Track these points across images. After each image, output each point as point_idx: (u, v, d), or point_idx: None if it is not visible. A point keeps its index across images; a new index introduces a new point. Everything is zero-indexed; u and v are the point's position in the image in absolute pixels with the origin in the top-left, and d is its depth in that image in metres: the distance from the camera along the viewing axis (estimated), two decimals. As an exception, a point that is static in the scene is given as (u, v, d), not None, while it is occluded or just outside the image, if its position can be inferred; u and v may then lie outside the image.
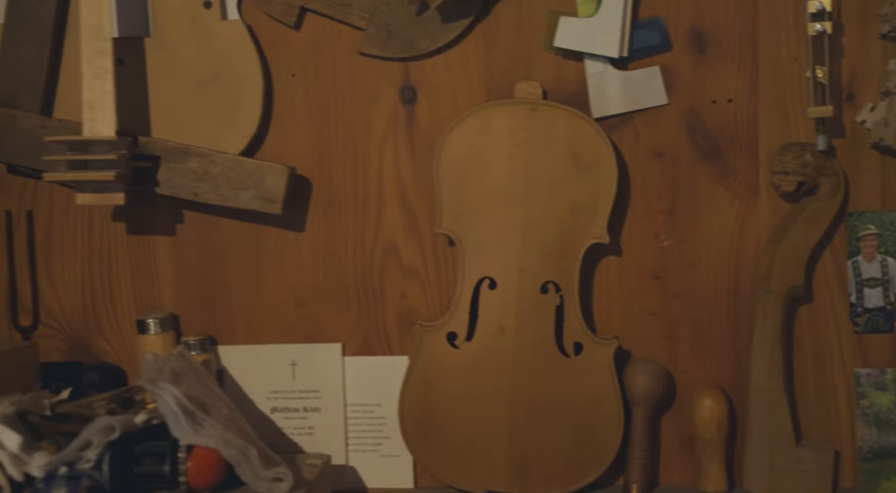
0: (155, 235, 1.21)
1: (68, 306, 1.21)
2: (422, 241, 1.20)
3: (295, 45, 1.18)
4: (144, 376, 0.97)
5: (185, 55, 1.15)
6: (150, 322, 1.17)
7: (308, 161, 1.19)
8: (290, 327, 1.22)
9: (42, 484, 0.86)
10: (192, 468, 0.92)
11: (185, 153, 1.13)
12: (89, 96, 1.08)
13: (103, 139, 1.07)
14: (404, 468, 1.21)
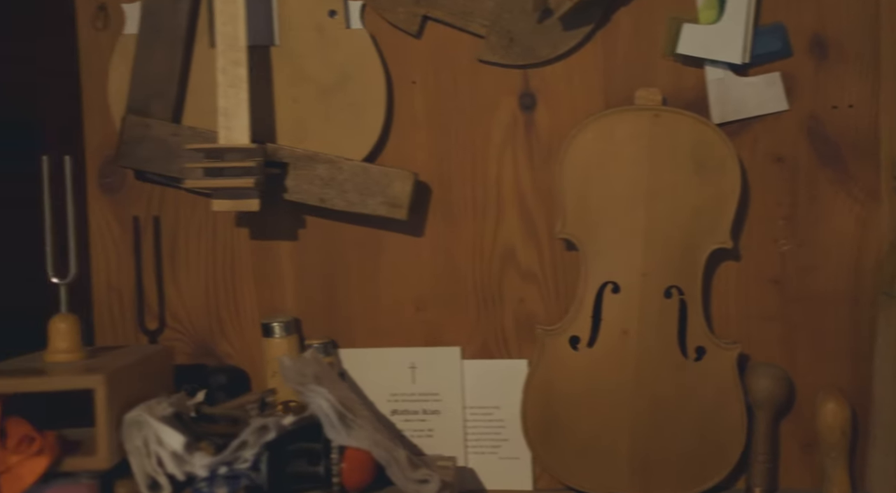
0: (278, 240, 1.23)
1: (193, 310, 1.24)
2: (540, 246, 1.21)
3: (415, 52, 1.20)
4: (288, 380, 0.99)
5: (310, 64, 1.17)
6: (276, 326, 1.19)
7: (427, 167, 1.21)
8: (409, 331, 1.23)
9: (204, 483, 0.89)
10: (346, 468, 0.94)
11: (313, 160, 1.15)
12: (224, 105, 1.10)
13: (239, 147, 1.09)
14: (523, 470, 1.22)
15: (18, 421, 0.90)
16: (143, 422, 0.91)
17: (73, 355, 0.98)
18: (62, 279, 1.04)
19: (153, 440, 0.89)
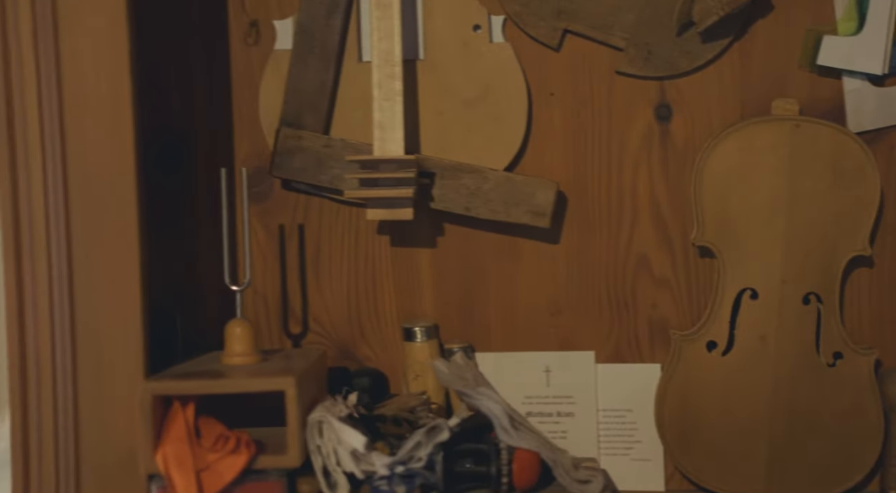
0: (417, 248, 1.27)
1: (335, 314, 1.28)
2: (673, 253, 1.24)
3: (554, 65, 1.23)
4: (450, 383, 1.02)
5: (455, 77, 1.21)
6: (417, 330, 1.23)
7: (564, 176, 1.24)
8: (544, 336, 1.26)
9: (384, 482, 0.92)
10: (516, 469, 0.97)
11: (460, 170, 1.19)
12: (380, 118, 1.14)
13: (395, 158, 1.13)
14: (655, 472, 1.25)
15: (210, 421, 0.94)
16: (324, 422, 0.94)
17: (249, 359, 1.03)
18: (238, 286, 1.08)
19: (334, 439, 0.93)
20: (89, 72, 0.91)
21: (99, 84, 0.91)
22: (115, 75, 0.91)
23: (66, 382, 0.93)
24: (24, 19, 0.90)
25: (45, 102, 0.90)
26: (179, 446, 0.89)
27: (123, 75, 0.91)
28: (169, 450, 0.89)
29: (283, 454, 0.92)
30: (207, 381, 0.93)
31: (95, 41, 0.90)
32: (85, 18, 0.90)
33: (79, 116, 0.91)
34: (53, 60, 0.89)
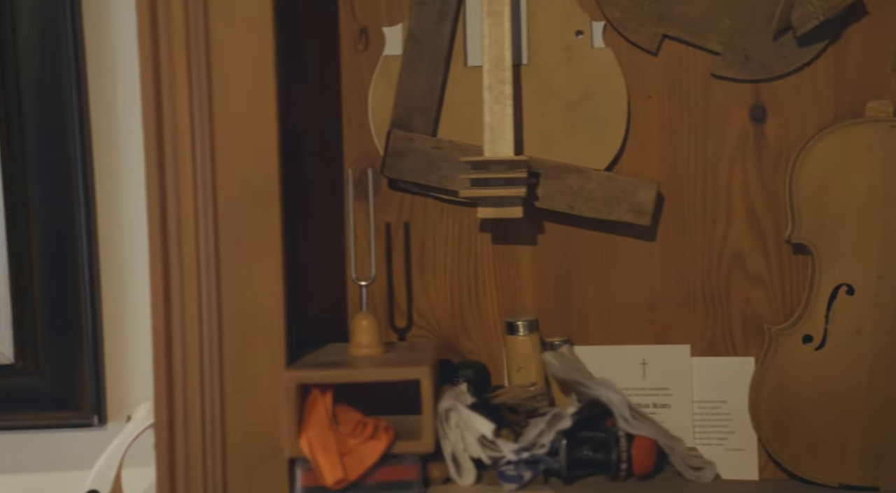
0: (518, 245, 1.31)
1: (438, 309, 1.33)
2: (767, 250, 1.28)
3: (652, 68, 1.27)
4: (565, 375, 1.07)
5: (557, 80, 1.25)
6: (520, 324, 1.28)
7: (660, 176, 1.28)
8: (640, 330, 1.31)
9: (511, 467, 0.97)
10: (636, 455, 1.02)
11: (564, 170, 1.24)
12: (490, 120, 1.19)
13: (506, 159, 1.18)
14: (749, 461, 1.29)
15: (346, 408, 1.00)
16: (453, 410, 0.99)
17: (375, 350, 1.08)
18: (363, 281, 1.14)
19: (463, 426, 0.98)
20: (237, 85, 0.96)
21: (247, 97, 0.96)
22: (261, 90, 0.96)
23: (213, 372, 0.98)
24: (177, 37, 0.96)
25: (195, 111, 0.96)
26: (322, 431, 0.94)
27: (269, 91, 0.96)
28: (313, 435, 0.94)
29: (417, 439, 0.97)
30: (348, 370, 0.98)
31: (244, 57, 0.96)
32: (235, 37, 0.95)
33: (227, 126, 0.96)
34: (205, 74, 0.95)
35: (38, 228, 1.29)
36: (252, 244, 0.98)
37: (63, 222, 1.30)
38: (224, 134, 0.96)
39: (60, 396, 1.32)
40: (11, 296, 1.28)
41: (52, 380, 1.31)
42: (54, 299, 1.31)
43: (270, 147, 0.97)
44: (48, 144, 1.28)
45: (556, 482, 1.01)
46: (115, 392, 1.36)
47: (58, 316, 1.31)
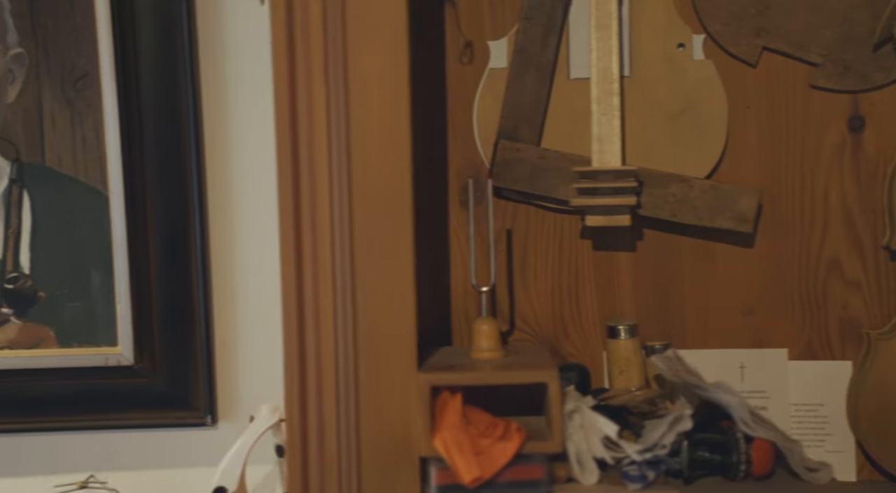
0: (617, 251, 1.34)
1: (540, 313, 1.36)
2: (864, 256, 1.30)
3: (750, 80, 1.30)
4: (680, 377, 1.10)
5: (659, 91, 1.28)
6: (621, 328, 1.31)
7: (758, 184, 1.31)
8: (737, 334, 1.33)
9: (634, 467, 1.00)
10: (756, 457, 1.05)
11: (667, 179, 1.27)
12: (598, 131, 1.22)
13: (613, 169, 1.21)
14: (847, 463, 1.31)
15: (475, 410, 1.03)
16: (578, 411, 1.03)
17: (496, 353, 1.11)
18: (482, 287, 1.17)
19: (588, 427, 1.01)
20: (373, 95, 1.00)
21: (382, 107, 1.00)
22: (395, 100, 1.00)
23: (349, 374, 1.02)
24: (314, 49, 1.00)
25: (333, 120, 1.00)
26: (456, 431, 0.98)
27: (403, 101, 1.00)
28: (447, 435, 0.98)
29: (546, 440, 1.00)
30: (480, 373, 1.02)
31: (380, 68, 1.00)
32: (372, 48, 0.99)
33: (362, 135, 1.00)
34: (342, 84, 0.99)
35: (156, 238, 1.34)
36: (385, 250, 1.02)
37: (178, 232, 1.34)
38: (360, 143, 1.00)
39: (176, 396, 1.37)
40: (132, 302, 1.33)
41: (168, 381, 1.36)
42: (170, 306, 1.36)
43: (404, 156, 1.01)
44: (166, 157, 1.33)
45: (675, 482, 1.04)
46: (224, 393, 1.41)
47: (173, 321, 1.36)
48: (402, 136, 1.01)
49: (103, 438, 1.39)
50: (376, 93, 1.00)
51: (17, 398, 1.35)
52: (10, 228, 1.32)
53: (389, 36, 1.00)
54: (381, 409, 1.02)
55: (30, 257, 1.33)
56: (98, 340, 1.35)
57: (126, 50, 1.30)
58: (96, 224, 1.33)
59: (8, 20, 1.29)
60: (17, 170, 1.32)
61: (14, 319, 1.34)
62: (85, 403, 1.36)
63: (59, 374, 1.35)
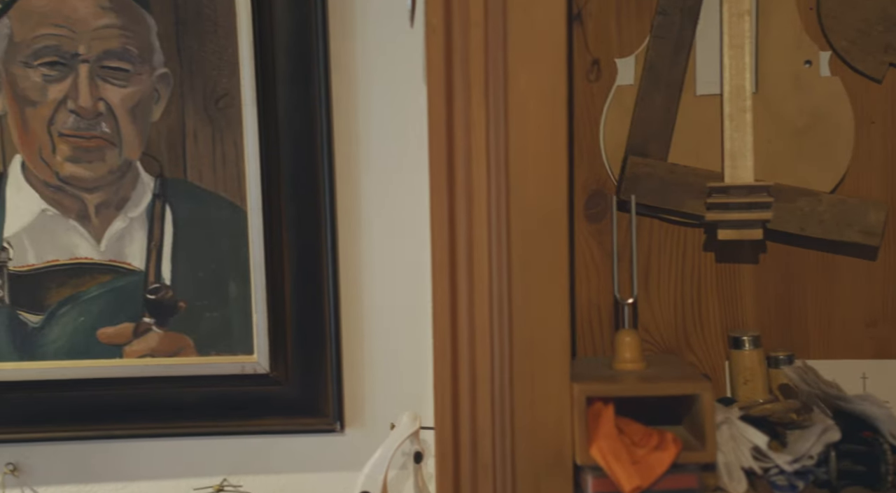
0: (740, 263, 1.36)
1: (662, 323, 1.38)
2: None
3: (875, 95, 1.31)
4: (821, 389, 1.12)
5: (786, 107, 1.29)
6: (745, 339, 1.32)
7: (882, 197, 1.32)
8: (860, 345, 1.34)
9: (782, 477, 1.02)
10: (905, 469, 1.06)
11: (795, 194, 1.28)
12: (730, 147, 1.24)
13: (745, 185, 1.24)
14: (971, 474, 1.32)
15: (627, 420, 1.06)
16: (727, 422, 1.05)
17: (638, 365, 1.14)
18: (627, 299, 1.20)
19: (738, 437, 1.03)
20: (532, 119, 1.03)
21: (540, 131, 1.03)
22: (553, 124, 1.03)
23: (504, 384, 1.05)
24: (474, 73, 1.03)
25: (492, 144, 1.03)
26: (612, 441, 1.00)
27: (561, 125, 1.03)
28: (604, 444, 1.00)
29: (699, 450, 1.03)
30: (635, 384, 1.04)
31: (539, 91, 1.03)
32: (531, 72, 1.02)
33: (521, 159, 1.03)
34: (502, 109, 1.02)
35: (290, 252, 1.38)
36: (541, 264, 1.04)
37: (311, 246, 1.38)
38: (518, 162, 1.03)
39: (307, 403, 1.40)
40: (268, 312, 1.37)
41: (300, 389, 1.40)
42: (302, 316, 1.39)
43: (561, 174, 1.04)
44: (300, 175, 1.37)
45: (821, 492, 1.06)
46: (351, 401, 1.44)
47: (305, 330, 1.40)
48: (559, 155, 1.03)
49: (237, 443, 1.44)
50: (534, 113, 1.03)
51: (157, 404, 1.40)
52: (152, 241, 1.37)
53: (549, 58, 1.02)
54: (535, 418, 1.05)
55: (171, 268, 1.38)
56: (234, 348, 1.39)
57: (266, 70, 1.34)
58: (234, 237, 1.37)
59: (154, 41, 1.34)
60: (161, 185, 1.37)
61: (155, 328, 1.38)
62: (221, 409, 1.40)
63: (198, 381, 1.39)
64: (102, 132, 1.35)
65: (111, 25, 1.33)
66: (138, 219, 1.37)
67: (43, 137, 1.35)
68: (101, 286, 1.37)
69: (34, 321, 1.37)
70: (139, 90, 1.34)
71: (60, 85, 1.34)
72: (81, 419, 1.39)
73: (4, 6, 1.32)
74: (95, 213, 1.36)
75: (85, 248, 1.37)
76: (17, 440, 1.39)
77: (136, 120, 1.35)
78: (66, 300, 1.37)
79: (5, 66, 1.33)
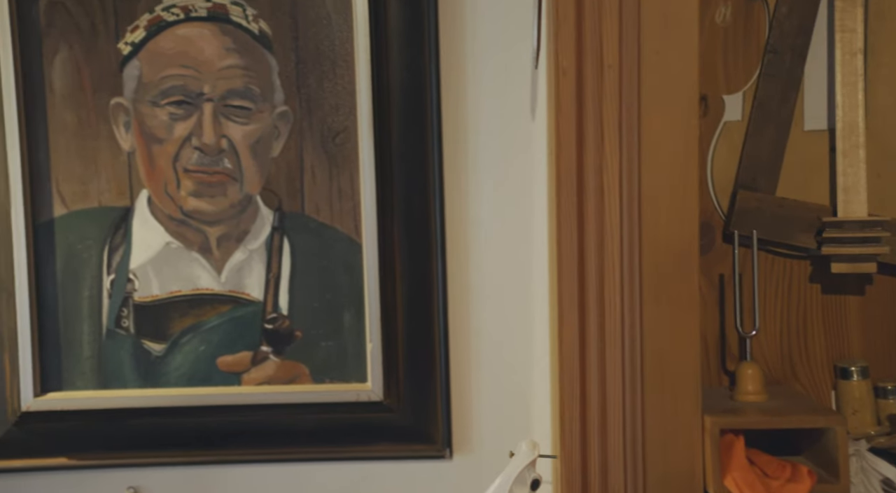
0: (846, 295, 1.38)
1: (768, 354, 1.39)
2: None
3: (981, 130, 1.34)
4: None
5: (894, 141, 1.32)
6: (854, 369, 1.34)
7: None
8: (967, 374, 1.36)
9: (914, 509, 1.04)
10: None
11: (906, 226, 1.30)
12: (844, 182, 1.26)
13: (859, 219, 1.25)
14: None
15: (757, 452, 1.08)
16: (857, 455, 1.06)
17: (760, 397, 1.16)
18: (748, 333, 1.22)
19: (868, 470, 1.05)
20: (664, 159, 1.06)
21: (673, 169, 1.06)
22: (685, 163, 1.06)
23: (636, 415, 1.07)
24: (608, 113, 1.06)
25: (625, 179, 1.06)
26: (745, 472, 1.02)
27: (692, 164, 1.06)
28: (738, 475, 1.02)
29: (835, 482, 1.04)
30: (766, 417, 1.06)
31: (671, 132, 1.06)
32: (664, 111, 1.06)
33: (653, 195, 1.06)
34: (636, 147, 1.05)
35: (403, 283, 1.41)
36: (672, 298, 1.07)
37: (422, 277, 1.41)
38: (651, 203, 1.06)
39: (418, 430, 1.43)
40: (382, 342, 1.40)
41: (411, 416, 1.43)
42: (413, 345, 1.42)
43: (692, 214, 1.06)
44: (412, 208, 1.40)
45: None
46: (459, 428, 1.47)
47: (416, 359, 1.42)
48: (690, 192, 1.06)
49: (349, 469, 1.46)
50: (667, 152, 1.06)
51: (272, 430, 1.43)
52: (270, 272, 1.41)
53: (683, 100, 1.05)
54: (667, 448, 1.07)
55: (288, 299, 1.41)
56: (348, 376, 1.42)
57: (381, 107, 1.38)
58: (349, 269, 1.41)
59: (276, 81, 1.38)
60: (279, 218, 1.41)
61: (272, 356, 1.42)
62: (334, 435, 1.43)
63: (312, 409, 1.42)
64: (225, 168, 1.39)
65: (235, 66, 1.38)
66: (257, 251, 1.41)
67: (168, 172, 1.39)
68: (221, 316, 1.41)
69: (157, 350, 1.41)
70: (260, 127, 1.39)
71: (186, 123, 1.38)
72: (200, 444, 1.42)
73: (135, 49, 1.37)
74: (217, 245, 1.41)
75: (206, 279, 1.41)
76: (139, 464, 1.43)
77: (257, 156, 1.39)
78: (187, 330, 1.41)
79: (134, 105, 1.38)
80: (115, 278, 1.40)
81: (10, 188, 1.37)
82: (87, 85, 1.38)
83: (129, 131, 1.39)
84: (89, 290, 1.40)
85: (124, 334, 1.41)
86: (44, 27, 1.36)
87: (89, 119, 1.38)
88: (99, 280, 1.40)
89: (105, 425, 1.41)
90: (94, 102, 1.38)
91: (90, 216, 1.40)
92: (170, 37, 1.37)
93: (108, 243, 1.40)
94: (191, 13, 1.37)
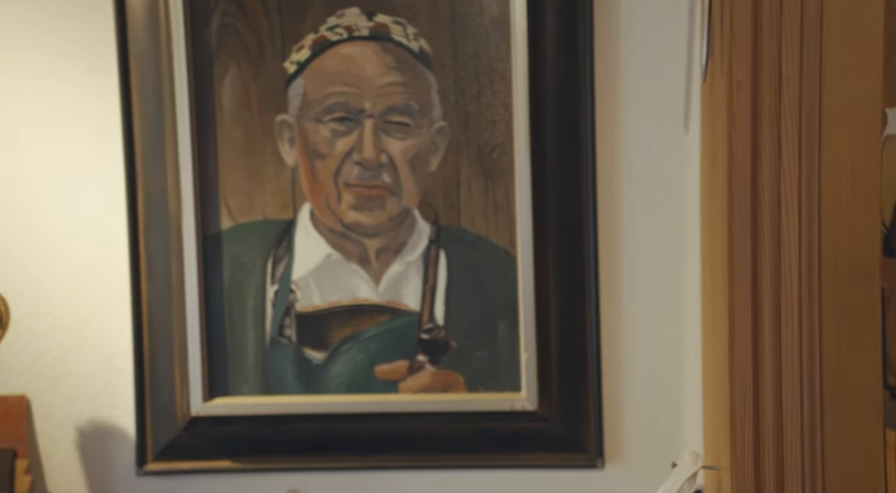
0: None
1: (930, 369, 1.38)
2: None
3: None
4: None
5: None
6: None
7: None
8: None
9: None
10: None
11: None
12: None
13: None
14: None
15: None
16: None
17: None
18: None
19: None
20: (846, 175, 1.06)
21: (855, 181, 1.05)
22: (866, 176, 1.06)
23: (815, 430, 1.07)
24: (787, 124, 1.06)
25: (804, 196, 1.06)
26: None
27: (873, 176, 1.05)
28: (925, 492, 1.01)
29: None
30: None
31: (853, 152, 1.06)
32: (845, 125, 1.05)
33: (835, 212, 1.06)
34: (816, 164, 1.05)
35: (556, 294, 1.43)
36: (854, 313, 1.06)
37: (575, 288, 1.43)
38: (831, 217, 1.06)
39: (570, 439, 1.45)
40: (537, 351, 1.42)
41: (564, 425, 1.44)
42: (567, 355, 1.44)
43: (875, 226, 1.06)
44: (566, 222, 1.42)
45: None
46: (610, 437, 1.48)
47: (569, 369, 1.44)
48: (872, 205, 1.05)
49: (501, 476, 1.49)
50: (849, 167, 1.06)
51: (426, 438, 1.46)
52: (427, 284, 1.44)
53: (866, 115, 1.05)
54: (847, 463, 1.06)
55: (444, 309, 1.45)
56: (502, 386, 1.45)
57: (538, 122, 1.40)
58: (503, 281, 1.43)
59: (434, 97, 1.42)
60: (436, 231, 1.44)
61: (428, 366, 1.45)
62: (487, 443, 1.45)
63: (466, 417, 1.45)
64: (384, 182, 1.43)
65: (395, 83, 1.42)
66: (414, 263, 1.44)
67: (329, 186, 1.44)
68: (379, 326, 1.45)
69: (318, 358, 1.46)
70: (419, 143, 1.43)
71: (347, 138, 1.43)
72: (357, 449, 1.46)
73: (299, 68, 1.43)
74: (375, 257, 1.45)
75: (364, 290, 1.45)
76: (299, 468, 1.48)
77: (415, 170, 1.43)
78: (346, 339, 1.45)
79: (298, 121, 1.44)
80: (279, 288, 1.45)
81: (181, 202, 1.43)
82: (254, 103, 1.44)
83: (293, 147, 1.44)
84: (254, 300, 1.46)
85: (287, 342, 1.46)
86: (215, 48, 1.42)
87: (255, 135, 1.44)
88: (263, 291, 1.45)
89: (267, 429, 1.46)
90: (261, 119, 1.44)
91: (255, 229, 1.45)
92: (333, 56, 1.42)
93: (272, 255, 1.45)
94: (353, 33, 1.42)
